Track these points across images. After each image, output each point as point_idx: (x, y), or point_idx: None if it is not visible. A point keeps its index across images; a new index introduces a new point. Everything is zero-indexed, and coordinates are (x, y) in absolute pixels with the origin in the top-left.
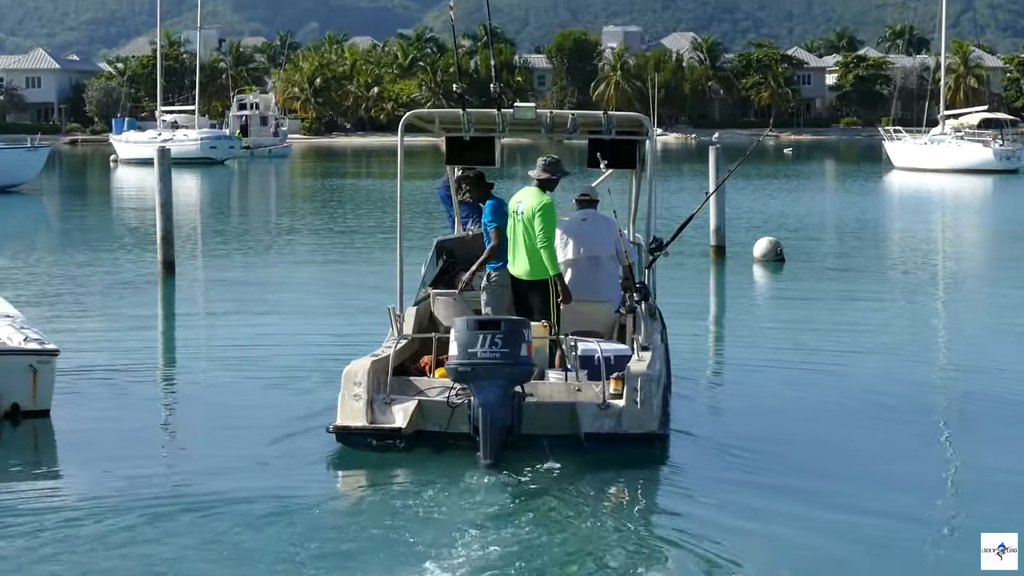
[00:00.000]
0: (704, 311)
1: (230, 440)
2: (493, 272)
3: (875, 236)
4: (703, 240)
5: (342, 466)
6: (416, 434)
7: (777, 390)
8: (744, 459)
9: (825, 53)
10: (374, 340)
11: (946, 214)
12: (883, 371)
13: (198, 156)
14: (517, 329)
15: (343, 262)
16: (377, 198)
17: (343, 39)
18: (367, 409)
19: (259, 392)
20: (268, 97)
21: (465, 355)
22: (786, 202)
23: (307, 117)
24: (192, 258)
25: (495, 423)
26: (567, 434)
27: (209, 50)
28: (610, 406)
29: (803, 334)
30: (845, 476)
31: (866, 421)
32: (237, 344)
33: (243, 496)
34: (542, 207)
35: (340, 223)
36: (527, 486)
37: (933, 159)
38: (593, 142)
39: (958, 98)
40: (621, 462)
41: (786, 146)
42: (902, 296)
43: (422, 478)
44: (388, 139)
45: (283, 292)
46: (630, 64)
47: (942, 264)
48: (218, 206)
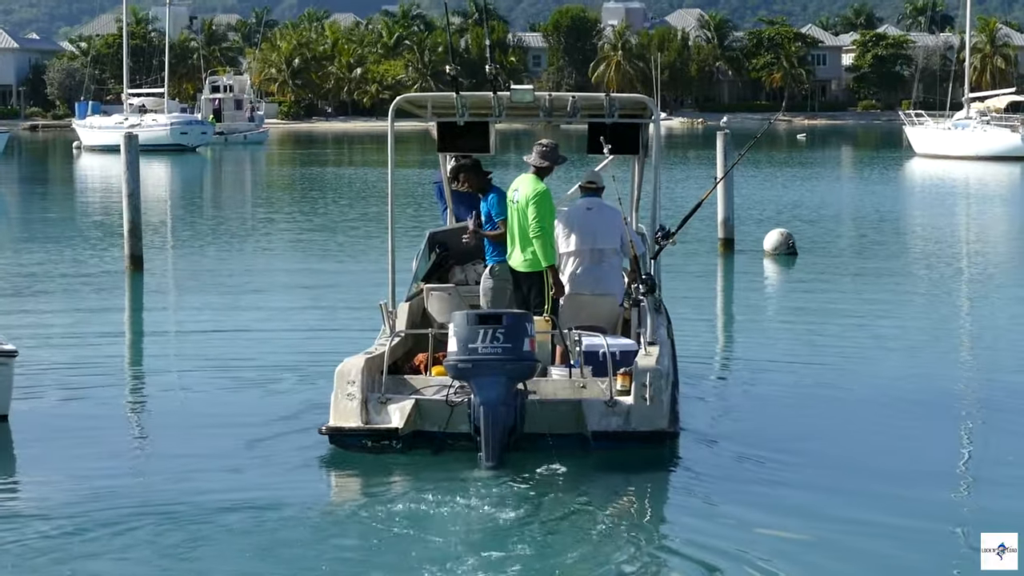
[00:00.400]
0: (711, 307)
1: (208, 443)
2: (496, 265)
3: (894, 228)
4: (711, 233)
5: (336, 469)
6: (413, 435)
7: (786, 388)
8: (753, 458)
9: (842, 31)
10: (357, 337)
11: (970, 205)
12: (896, 370)
13: (168, 143)
14: (520, 323)
15: (323, 255)
16: (360, 187)
17: (323, 16)
18: (362, 409)
19: (234, 393)
20: (243, 79)
21: (465, 351)
22: (799, 192)
23: (285, 100)
24: (161, 252)
25: (497, 422)
26: (572, 433)
27: (179, 28)
28: (618, 403)
29: (814, 331)
30: (848, 475)
31: (873, 420)
32: (209, 342)
33: (223, 501)
34: (536, 195)
35: (320, 214)
36: (532, 489)
37: (957, 145)
38: (593, 126)
39: (984, 80)
40: (630, 462)
41: (799, 131)
42: (921, 293)
43: (420, 482)
44: (372, 124)
45: (259, 288)
46: (632, 43)
47: (965, 259)
48: (189, 196)
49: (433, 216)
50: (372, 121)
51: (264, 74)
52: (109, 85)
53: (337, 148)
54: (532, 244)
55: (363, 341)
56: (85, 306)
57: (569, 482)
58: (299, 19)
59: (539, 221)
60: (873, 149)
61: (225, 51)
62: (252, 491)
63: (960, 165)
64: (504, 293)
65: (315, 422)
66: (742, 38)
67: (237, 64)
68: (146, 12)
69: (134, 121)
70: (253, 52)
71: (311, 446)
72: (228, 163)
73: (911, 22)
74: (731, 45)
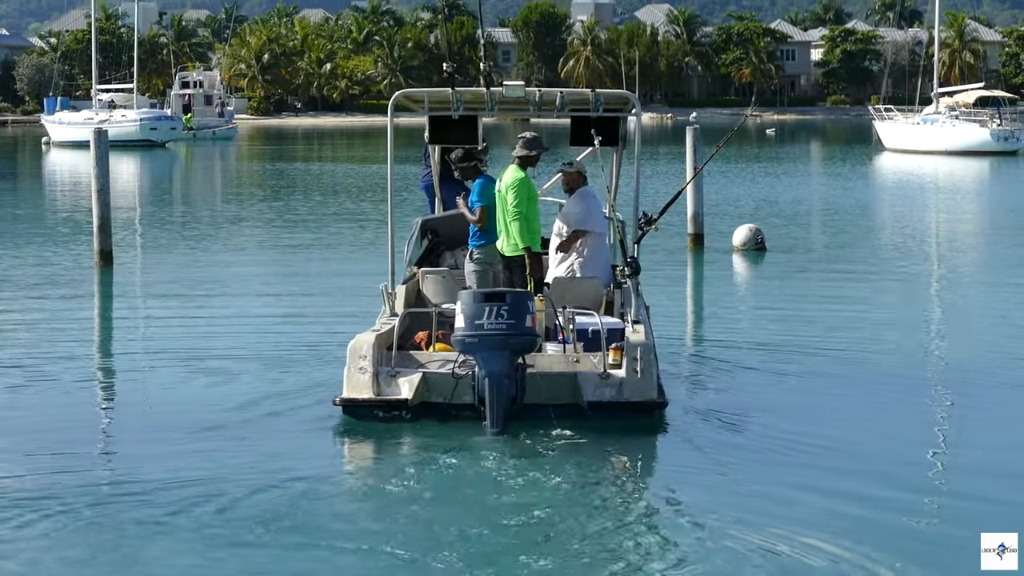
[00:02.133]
0: (679, 302)
1: (213, 424)
2: (476, 250)
3: (864, 224)
4: (681, 228)
5: (349, 437)
6: (420, 405)
7: (762, 370)
8: (740, 430)
9: (810, 26)
10: (329, 331)
11: (940, 200)
12: (870, 367)
13: (137, 138)
14: (522, 301)
15: (293, 251)
16: (328, 183)
17: (293, 12)
18: (373, 381)
19: (218, 382)
20: (213, 75)
21: (472, 327)
22: (769, 187)
23: (255, 96)
24: (131, 248)
25: (501, 392)
26: (569, 403)
27: (148, 24)
28: (610, 376)
29: (780, 328)
30: (844, 476)
31: (859, 417)
32: (182, 335)
33: (247, 472)
34: (515, 182)
35: (290, 210)
36: (533, 453)
37: (926, 140)
38: (576, 120)
39: (953, 74)
40: (623, 429)
41: (769, 126)
42: (891, 289)
43: (429, 448)
44: (341, 120)
45: (229, 283)
46: (601, 39)
47: (935, 255)
48: (159, 192)
49: (416, 208)
50: (342, 117)
51: (234, 70)
52: (78, 81)
53: (307, 144)
54: (510, 227)
55: (340, 328)
56: (53, 303)
57: (567, 447)
58: (268, 15)
59: (516, 206)
60: (842, 144)
61: (195, 47)
62: (272, 461)
63: (929, 160)
64: (486, 276)
65: (312, 400)
66: (711, 33)
67: (207, 60)
68: (115, 8)
69: (103, 117)
70: (223, 48)
71: (324, 417)
72: (198, 159)
73: (879, 17)
74: (700, 40)
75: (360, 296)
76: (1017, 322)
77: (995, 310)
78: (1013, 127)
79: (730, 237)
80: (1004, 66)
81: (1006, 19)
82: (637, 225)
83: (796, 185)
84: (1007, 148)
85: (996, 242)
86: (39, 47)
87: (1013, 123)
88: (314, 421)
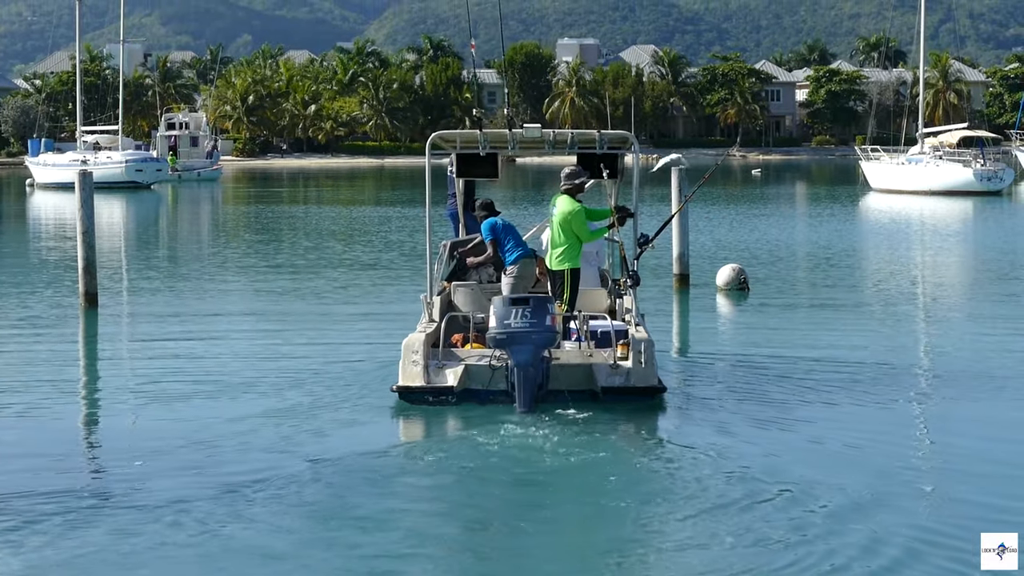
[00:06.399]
0: (664, 337)
1: (273, 425)
2: (510, 267)
3: (847, 264)
4: (667, 268)
5: (404, 417)
6: (463, 392)
7: (756, 390)
8: (734, 416)
9: (795, 67)
10: (318, 380)
11: (925, 241)
12: (860, 380)
13: (123, 180)
14: (543, 304)
15: (281, 293)
16: (315, 226)
17: (278, 53)
18: (424, 372)
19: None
20: (199, 116)
21: (502, 326)
22: (754, 228)
23: (240, 137)
24: (117, 290)
25: (528, 378)
26: (585, 389)
27: (134, 65)
28: (619, 366)
29: (762, 354)
30: (844, 478)
31: (854, 419)
32: (166, 382)
33: (322, 448)
34: (571, 212)
35: (278, 252)
36: (556, 429)
37: (911, 180)
38: (581, 156)
39: (937, 115)
40: (631, 408)
41: (754, 167)
42: (873, 329)
43: (472, 424)
44: (327, 161)
45: (215, 326)
46: (586, 79)
47: (921, 296)
48: (145, 234)
49: (441, 236)
50: (327, 158)
51: (219, 111)
52: (63, 122)
53: (292, 186)
54: (558, 247)
55: (332, 370)
56: (38, 345)
57: (584, 423)
58: (253, 56)
59: (571, 232)
60: (828, 184)
61: (180, 88)
62: (337, 443)
63: (914, 200)
64: (518, 288)
65: (275, 456)
66: (696, 74)
67: (192, 101)
68: (100, 49)
69: (88, 158)
70: (208, 89)
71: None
72: (184, 201)
73: (864, 58)
74: (685, 81)
75: (351, 334)
76: (1005, 352)
77: (983, 344)
78: (996, 167)
79: (714, 276)
80: (988, 106)
81: (989, 59)
82: (636, 244)
83: (782, 225)
84: (990, 188)
85: (980, 281)
86: (23, 89)
87: (996, 163)
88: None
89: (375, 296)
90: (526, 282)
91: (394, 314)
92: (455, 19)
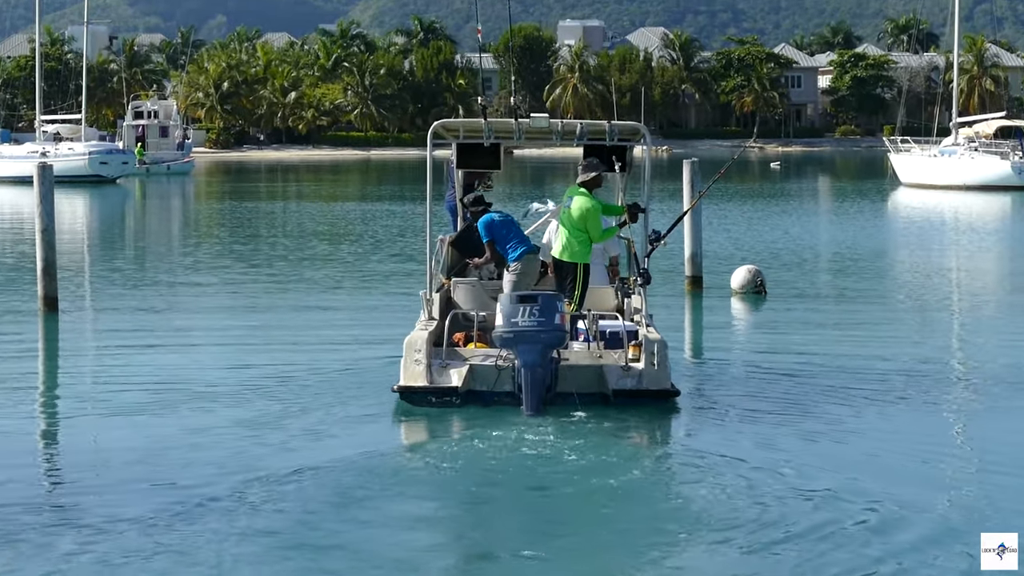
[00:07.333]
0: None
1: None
2: (513, 263)
3: (874, 267)
4: (679, 269)
5: (406, 419)
6: (467, 393)
7: (769, 392)
8: (748, 418)
9: (818, 51)
10: (306, 384)
11: (959, 241)
12: (868, 383)
13: (86, 174)
14: (552, 302)
15: (259, 298)
16: (296, 224)
17: (255, 36)
18: (427, 371)
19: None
20: (168, 104)
21: (509, 324)
22: (772, 226)
23: (213, 127)
24: (79, 294)
25: (536, 380)
26: (595, 392)
27: (98, 49)
28: (631, 368)
29: (778, 365)
30: (844, 478)
31: (867, 418)
32: (132, 391)
33: (324, 448)
34: (585, 207)
35: (255, 254)
36: (566, 432)
37: (943, 174)
38: (588, 148)
39: (972, 103)
40: (644, 412)
41: (773, 160)
42: (901, 336)
43: (477, 427)
44: (308, 153)
45: (189, 332)
46: (590, 64)
47: (955, 301)
48: (110, 233)
49: (441, 227)
50: (308, 150)
51: (191, 99)
52: (21, 111)
53: (271, 180)
54: (571, 240)
55: (310, 380)
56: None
57: (594, 427)
58: (228, 39)
59: (585, 229)
60: (854, 179)
61: (148, 74)
62: (337, 445)
63: (947, 196)
64: (520, 285)
65: (247, 468)
66: (710, 59)
67: (161, 88)
68: (62, 32)
69: (48, 150)
70: (179, 75)
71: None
72: (152, 196)
73: (892, 41)
74: (698, 66)
75: (339, 338)
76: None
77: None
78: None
79: (729, 279)
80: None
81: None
82: (647, 241)
83: (803, 224)
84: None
85: (1021, 286)
86: None
87: None
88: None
89: (363, 298)
90: (529, 279)
91: (385, 316)
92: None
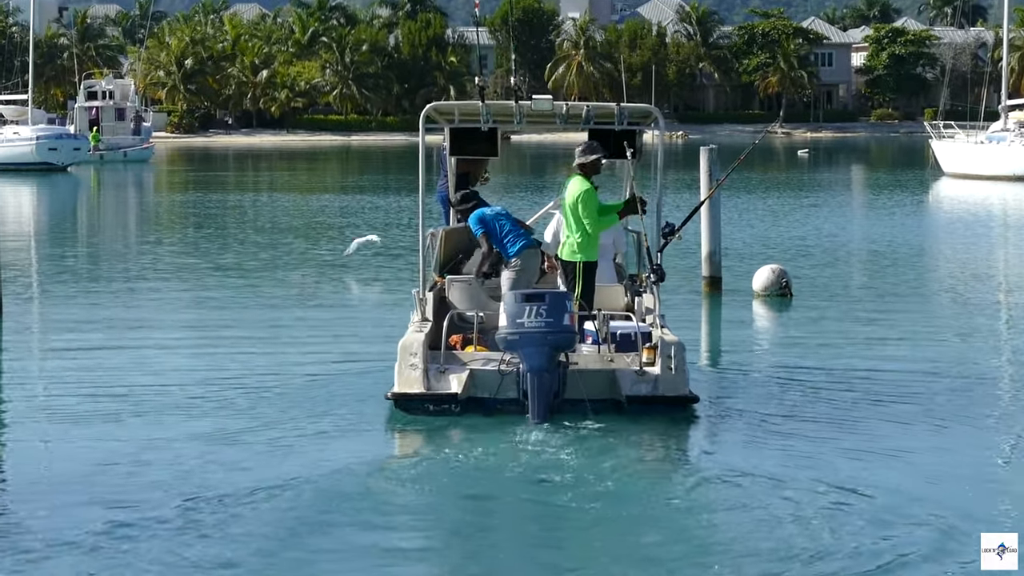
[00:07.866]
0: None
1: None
2: (513, 259)
3: (913, 266)
4: (694, 269)
5: (402, 428)
6: (468, 400)
7: (788, 397)
8: (766, 426)
9: (851, 25)
10: (285, 392)
11: (1008, 237)
12: (889, 387)
13: (33, 161)
14: (560, 301)
15: (227, 300)
16: (269, 218)
17: (222, 7)
18: (424, 377)
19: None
20: (125, 83)
21: (514, 325)
22: (799, 221)
23: (175, 109)
24: (25, 296)
25: (543, 386)
26: (607, 398)
27: (46, 22)
28: (646, 372)
29: (801, 378)
30: (844, 478)
31: (873, 419)
32: (83, 401)
33: (308, 461)
34: (581, 195)
35: (222, 251)
36: (576, 442)
37: (991, 163)
38: (592, 132)
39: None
40: (660, 420)
41: (801, 147)
42: (942, 341)
43: (478, 438)
44: (282, 139)
45: (142, 337)
46: (596, 40)
47: (1003, 304)
48: (60, 227)
49: (433, 219)
50: (282, 135)
51: (150, 77)
52: None
53: (240, 168)
54: (568, 235)
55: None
56: None
57: (606, 436)
58: (192, 11)
59: (583, 218)
60: (891, 168)
61: (103, 49)
62: (332, 453)
63: (995, 187)
64: (519, 282)
65: (212, 486)
66: (730, 34)
67: (117, 65)
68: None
69: None
70: (136, 51)
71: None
72: (107, 186)
73: (935, 14)
74: (717, 42)
75: (319, 343)
76: None
77: None
78: None
79: (751, 280)
80: None
81: None
82: (661, 234)
83: (833, 218)
84: None
85: None
86: None
87: None
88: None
89: (345, 299)
90: (529, 276)
91: (371, 318)
92: None
